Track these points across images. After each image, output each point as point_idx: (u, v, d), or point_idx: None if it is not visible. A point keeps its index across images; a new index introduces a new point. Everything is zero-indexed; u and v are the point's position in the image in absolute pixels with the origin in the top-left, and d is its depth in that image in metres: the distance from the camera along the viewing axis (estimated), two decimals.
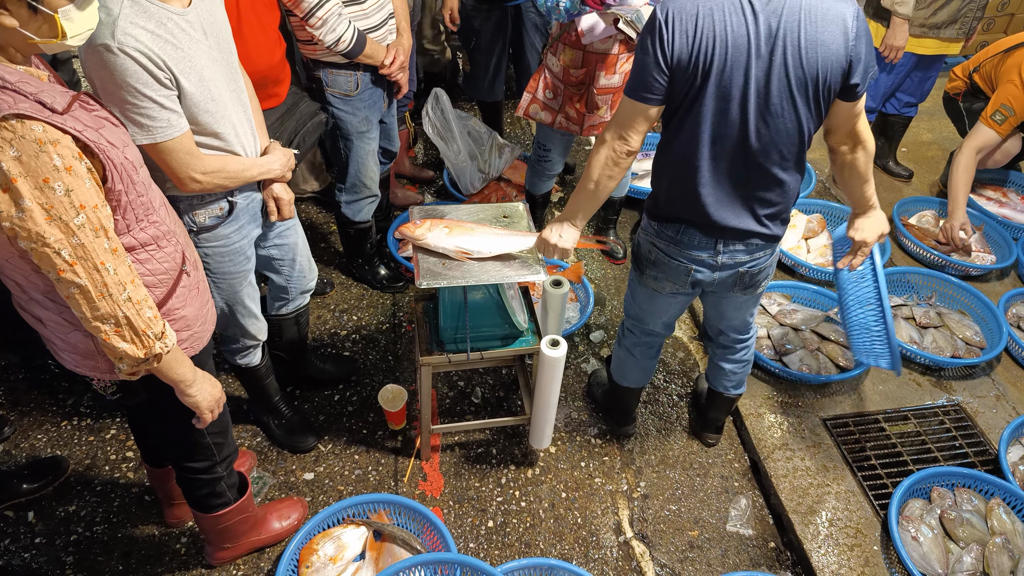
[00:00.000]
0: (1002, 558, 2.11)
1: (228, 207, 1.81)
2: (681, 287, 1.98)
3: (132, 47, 1.44)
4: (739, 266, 1.90)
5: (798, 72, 1.58)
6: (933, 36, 3.28)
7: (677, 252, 1.90)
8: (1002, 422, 2.58)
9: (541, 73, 2.75)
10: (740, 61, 1.57)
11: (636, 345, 2.30)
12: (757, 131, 1.65)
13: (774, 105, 1.62)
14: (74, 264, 1.24)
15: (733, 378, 2.34)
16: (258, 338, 2.13)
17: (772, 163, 1.72)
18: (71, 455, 2.41)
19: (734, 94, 1.61)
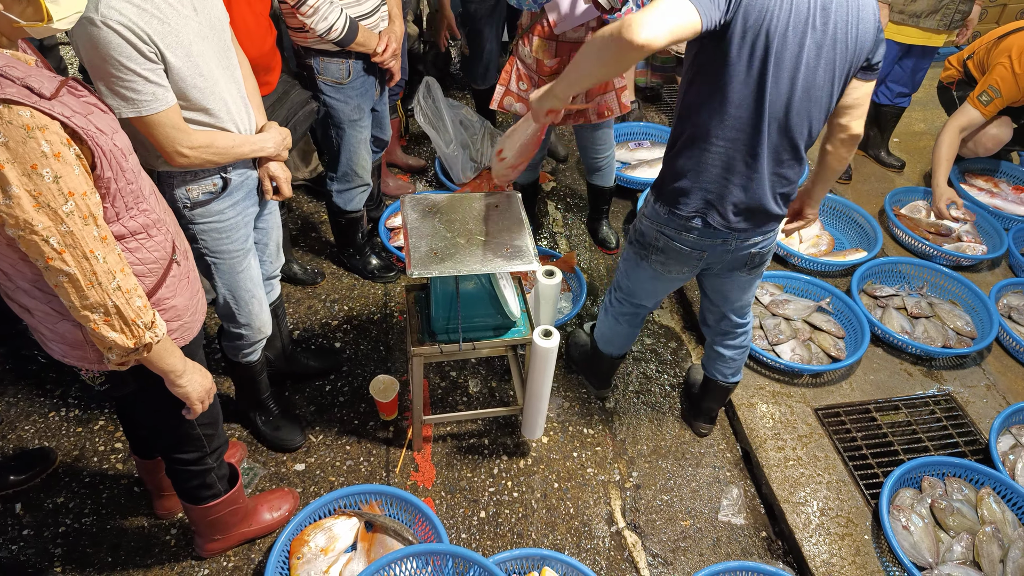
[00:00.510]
0: (992, 547, 2.13)
1: (222, 183, 1.79)
2: (690, 271, 1.99)
3: (116, 20, 1.42)
4: (752, 247, 1.90)
5: (844, 48, 1.59)
6: (913, 25, 3.27)
7: (690, 239, 1.88)
8: (992, 412, 2.60)
9: (513, 65, 2.71)
10: (799, 28, 1.55)
11: (623, 315, 2.32)
12: (800, 102, 1.64)
13: (820, 78, 1.62)
14: (63, 252, 1.21)
15: (732, 364, 2.34)
16: (264, 332, 2.11)
17: (802, 138, 1.72)
18: (59, 446, 2.39)
19: (787, 61, 1.57)
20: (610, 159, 3.08)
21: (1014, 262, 3.26)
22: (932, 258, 3.22)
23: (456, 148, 3.39)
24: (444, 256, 1.92)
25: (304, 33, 2.31)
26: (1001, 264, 3.33)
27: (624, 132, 3.96)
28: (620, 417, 2.63)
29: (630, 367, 2.82)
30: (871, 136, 3.90)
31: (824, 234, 3.36)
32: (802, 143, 1.73)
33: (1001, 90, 3.11)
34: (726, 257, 1.92)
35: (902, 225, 3.34)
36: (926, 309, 2.94)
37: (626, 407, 2.67)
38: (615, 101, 2.78)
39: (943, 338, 2.82)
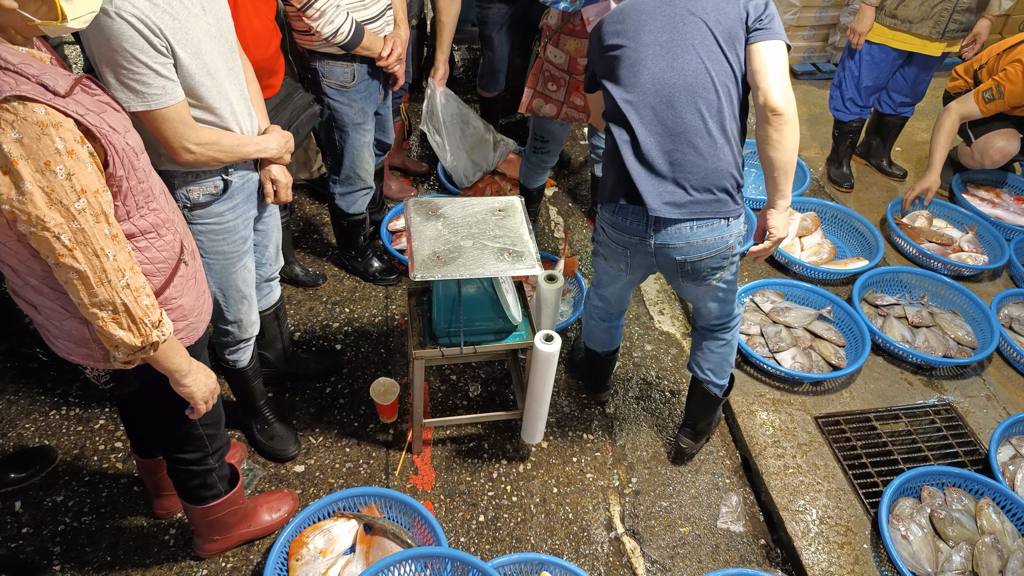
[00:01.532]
0: (991, 558, 2.12)
1: (223, 185, 1.79)
2: (626, 268, 2.12)
3: (129, 12, 1.43)
4: (674, 252, 1.95)
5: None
6: (906, 31, 3.27)
7: (613, 231, 2.03)
8: (992, 422, 2.60)
9: (540, 67, 2.74)
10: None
11: (594, 308, 2.40)
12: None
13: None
14: (73, 249, 1.22)
15: (711, 359, 2.27)
16: (250, 331, 2.11)
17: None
18: (59, 445, 2.39)
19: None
20: None
21: (1015, 272, 3.26)
22: (934, 268, 3.22)
23: (460, 152, 3.39)
24: (447, 259, 1.93)
25: (309, 36, 2.32)
26: (1002, 274, 3.33)
27: None
28: (620, 423, 2.63)
29: (630, 373, 2.82)
30: (873, 145, 3.90)
31: (826, 242, 3.37)
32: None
33: (1004, 91, 3.12)
34: (648, 260, 2.02)
35: (904, 234, 3.34)
36: (927, 318, 2.94)
37: (626, 413, 2.67)
38: None
39: (944, 348, 2.82)
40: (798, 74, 4.92)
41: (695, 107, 1.81)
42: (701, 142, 1.82)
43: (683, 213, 1.87)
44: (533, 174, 3.11)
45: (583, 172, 3.91)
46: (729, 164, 1.87)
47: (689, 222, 1.89)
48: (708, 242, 1.91)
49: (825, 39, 4.95)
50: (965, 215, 3.49)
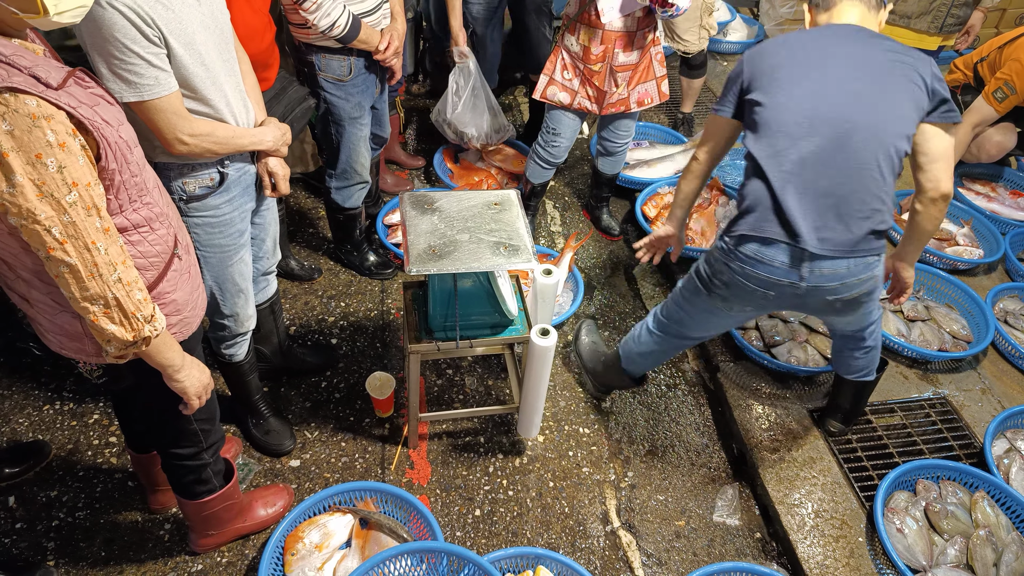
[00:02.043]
0: (985, 551, 2.13)
1: (219, 177, 1.78)
2: (754, 310, 2.03)
3: (121, 2, 1.42)
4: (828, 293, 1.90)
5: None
6: (904, 26, 3.27)
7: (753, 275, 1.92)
8: (987, 416, 2.60)
9: (558, 55, 2.77)
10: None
11: (664, 345, 2.27)
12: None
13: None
14: (64, 242, 1.21)
15: (859, 363, 2.27)
16: (246, 325, 2.10)
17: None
18: (53, 440, 2.38)
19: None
20: (625, 148, 3.14)
21: (1011, 266, 3.27)
22: (929, 262, 3.22)
23: (484, 110, 3.33)
24: (442, 253, 1.92)
25: (306, 29, 2.31)
26: (998, 268, 3.34)
27: None
28: (616, 417, 2.63)
29: None
30: None
31: None
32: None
33: (1016, 85, 3.11)
34: (792, 301, 1.92)
35: (900, 228, 3.34)
36: (922, 312, 2.94)
37: (622, 407, 2.67)
38: (655, 90, 2.84)
39: (939, 341, 2.82)
40: None
41: (873, 148, 1.79)
42: (872, 183, 1.80)
43: (841, 251, 1.83)
44: (540, 169, 3.11)
45: (580, 166, 3.90)
46: (890, 206, 1.86)
47: (847, 260, 1.84)
48: (862, 280, 1.88)
49: None
50: (961, 209, 3.50)
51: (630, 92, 2.79)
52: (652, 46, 2.75)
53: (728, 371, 2.72)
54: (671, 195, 3.47)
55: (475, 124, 3.35)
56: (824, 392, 2.66)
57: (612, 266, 3.31)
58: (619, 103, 2.81)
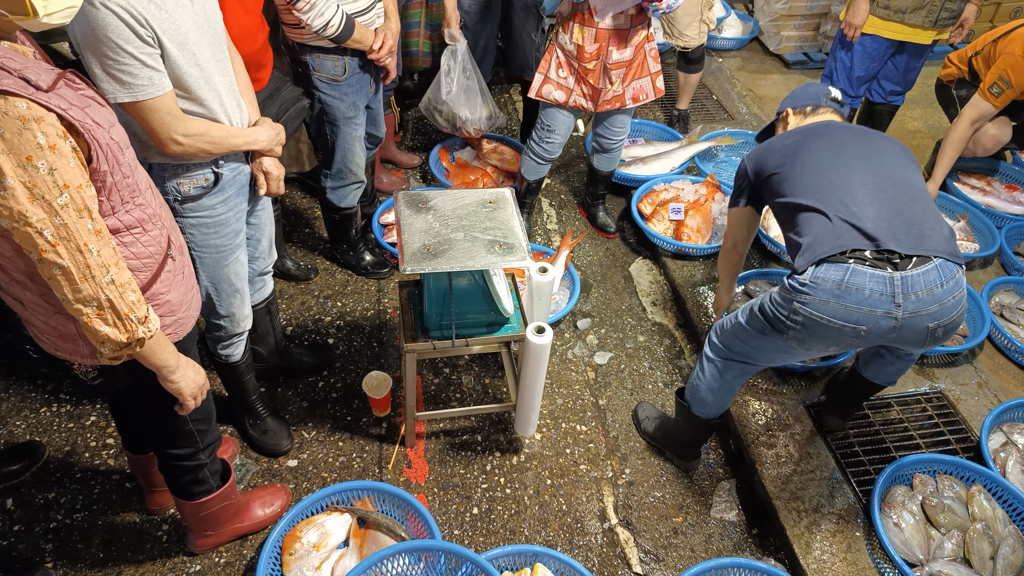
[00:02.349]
0: (982, 544, 2.14)
1: (214, 177, 1.78)
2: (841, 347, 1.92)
3: (114, 2, 1.42)
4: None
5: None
6: (899, 20, 3.28)
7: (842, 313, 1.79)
8: (984, 409, 2.61)
9: (552, 53, 2.78)
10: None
11: (733, 372, 2.12)
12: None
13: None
14: (56, 245, 1.21)
15: (896, 370, 2.22)
16: (243, 325, 2.10)
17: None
18: (51, 442, 2.38)
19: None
20: (620, 145, 3.14)
21: (1006, 260, 3.27)
22: None
23: (476, 94, 3.28)
24: (437, 252, 1.92)
25: (300, 30, 2.30)
26: (993, 262, 3.34)
27: None
28: (613, 414, 2.63)
29: (623, 364, 2.82)
30: None
31: None
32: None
33: (1011, 80, 3.10)
34: (886, 336, 1.77)
35: None
36: None
37: (619, 404, 2.67)
38: (650, 86, 2.84)
39: None
40: (789, 63, 4.92)
41: (915, 179, 1.87)
42: (929, 203, 1.84)
43: (921, 250, 1.71)
44: (535, 165, 3.11)
45: (576, 164, 3.90)
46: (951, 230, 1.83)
47: (934, 264, 1.71)
48: (957, 298, 1.75)
49: (816, 28, 4.95)
50: (956, 203, 3.50)
51: (625, 88, 2.80)
52: (646, 42, 2.75)
53: None
54: (666, 192, 3.48)
55: (468, 106, 3.28)
56: (820, 388, 2.67)
57: (608, 264, 3.31)
58: (614, 100, 2.81)
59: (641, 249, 3.39)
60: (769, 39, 5.02)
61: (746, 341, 2.01)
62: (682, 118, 4.09)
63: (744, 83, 4.71)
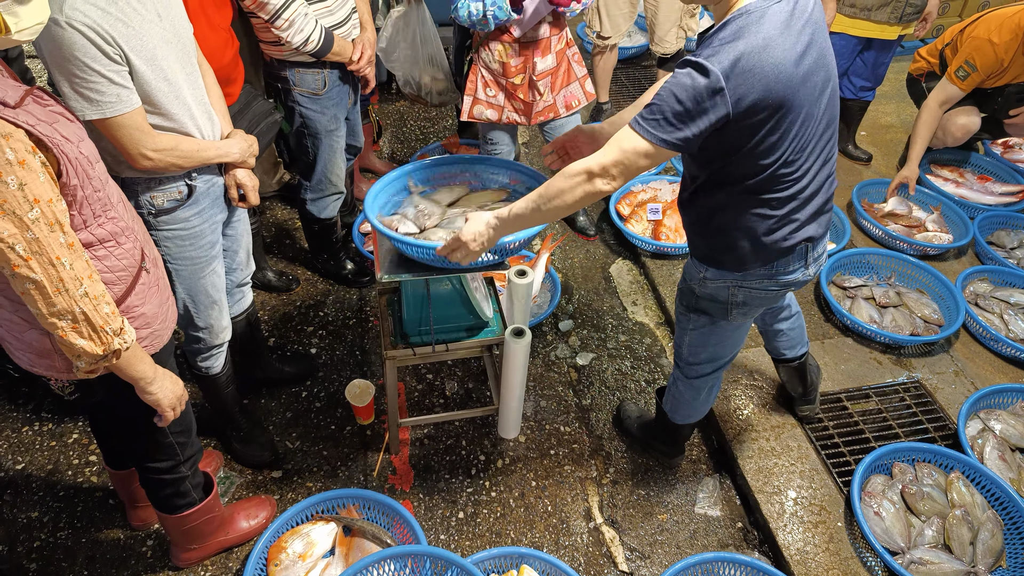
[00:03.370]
0: (962, 530, 2.17)
1: (187, 190, 1.79)
2: (773, 303, 1.93)
3: (80, 21, 1.43)
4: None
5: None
6: (865, 18, 3.34)
7: (774, 284, 1.81)
8: (961, 397, 2.64)
9: (477, 73, 2.72)
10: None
11: (710, 383, 2.14)
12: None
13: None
14: (29, 259, 1.21)
15: (791, 335, 2.28)
16: (222, 336, 2.10)
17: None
18: (32, 461, 2.37)
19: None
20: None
21: (979, 250, 3.32)
22: (900, 248, 3.27)
23: (427, 63, 3.06)
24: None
25: (279, 46, 2.31)
26: (967, 252, 3.39)
27: None
28: (596, 413, 2.65)
29: (605, 364, 2.84)
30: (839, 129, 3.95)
31: None
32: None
33: (977, 63, 3.15)
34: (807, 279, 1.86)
35: (870, 217, 3.39)
36: (894, 298, 2.99)
37: (601, 403, 2.69)
38: (580, 91, 2.83)
39: (911, 326, 2.87)
40: None
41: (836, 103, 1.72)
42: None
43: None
44: None
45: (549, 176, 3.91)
46: None
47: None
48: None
49: None
50: (929, 195, 3.55)
51: (555, 97, 2.77)
52: (567, 48, 2.73)
53: None
54: (644, 192, 3.51)
55: (429, 73, 3.06)
56: None
57: (589, 265, 3.33)
58: (547, 110, 2.78)
59: (621, 250, 3.42)
60: None
61: (708, 341, 2.01)
62: None
63: None
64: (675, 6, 3.60)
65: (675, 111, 1.44)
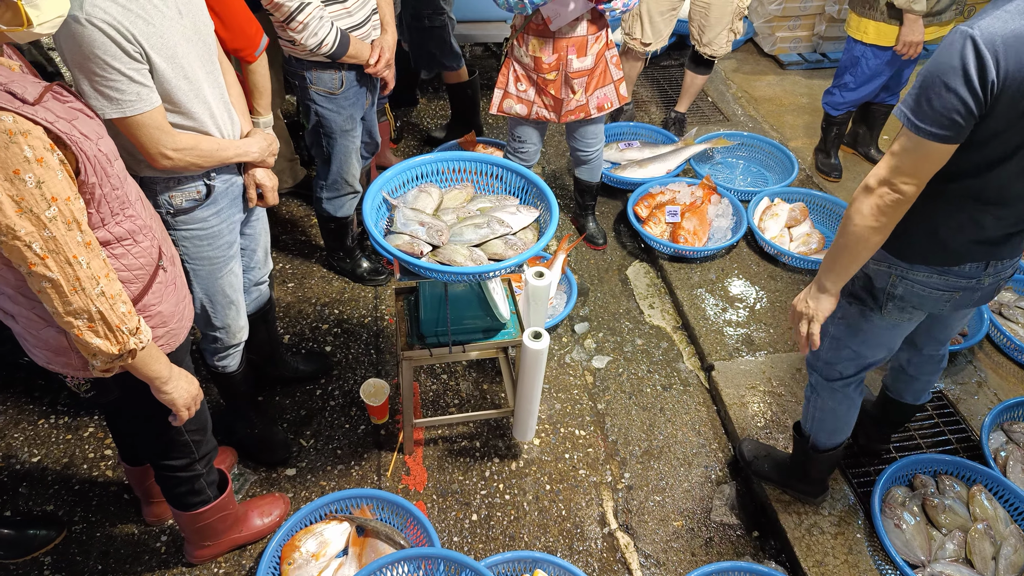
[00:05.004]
0: (984, 544, 2.13)
1: (206, 190, 1.78)
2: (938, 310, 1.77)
3: (100, 19, 1.41)
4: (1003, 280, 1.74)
5: None
6: (936, 23, 3.25)
7: (941, 283, 1.69)
8: (984, 409, 2.60)
9: (509, 67, 2.73)
10: None
11: (853, 388, 1.99)
12: None
13: None
14: (46, 257, 1.21)
15: (926, 385, 2.15)
16: (239, 336, 2.10)
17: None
18: (48, 454, 2.38)
19: None
20: (598, 153, 3.09)
21: None
22: None
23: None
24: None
25: (296, 45, 2.31)
26: None
27: (613, 132, 3.96)
28: (612, 418, 2.63)
29: (621, 368, 2.82)
30: (860, 134, 3.90)
31: (815, 232, 3.36)
32: None
33: None
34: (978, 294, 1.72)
35: None
36: None
37: (617, 408, 2.66)
38: (614, 93, 2.80)
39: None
40: (784, 64, 4.92)
41: None
42: None
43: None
44: None
45: (565, 177, 3.88)
46: None
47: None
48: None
49: (811, 28, 4.95)
50: None
51: (588, 98, 2.76)
52: (606, 50, 2.72)
53: (723, 370, 2.72)
54: (663, 194, 3.47)
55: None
56: None
57: (605, 267, 3.30)
58: (578, 109, 2.77)
59: (638, 252, 3.39)
60: (764, 40, 5.03)
61: (855, 337, 1.88)
62: (678, 121, 4.09)
63: (739, 85, 4.71)
64: (727, 9, 3.52)
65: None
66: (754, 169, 3.92)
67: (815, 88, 4.64)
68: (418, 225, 1.90)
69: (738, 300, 3.04)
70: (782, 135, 4.18)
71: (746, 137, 3.94)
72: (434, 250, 1.89)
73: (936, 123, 1.39)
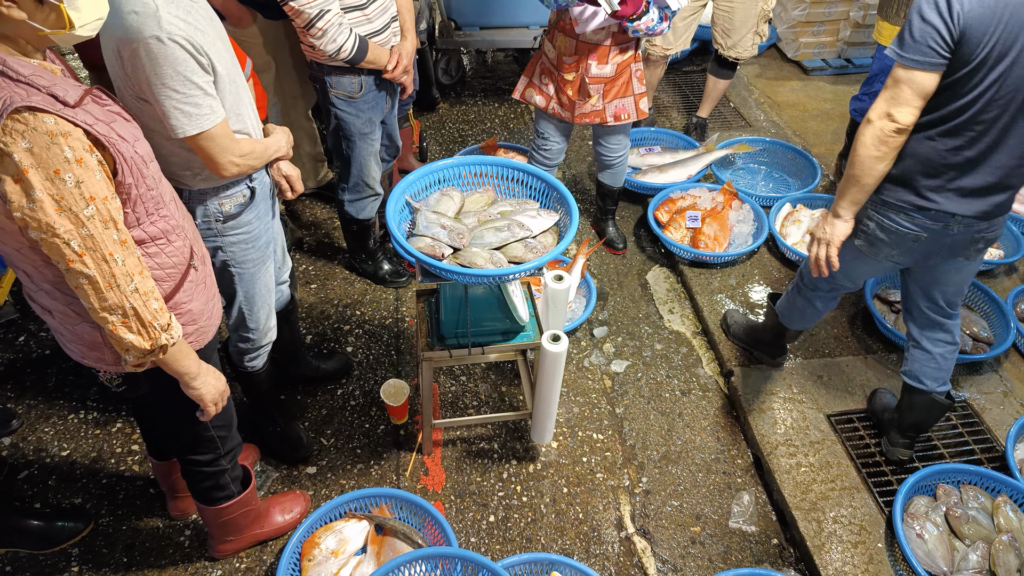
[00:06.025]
0: (1008, 556, 2.10)
1: (250, 192, 1.81)
2: (900, 255, 1.98)
3: (179, 35, 1.44)
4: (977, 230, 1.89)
5: None
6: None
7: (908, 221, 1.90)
8: (1009, 419, 2.56)
9: (539, 58, 2.80)
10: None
11: (821, 299, 2.32)
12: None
13: None
14: (83, 255, 1.25)
15: (939, 365, 2.20)
16: (269, 336, 2.13)
17: None
18: (77, 448, 2.43)
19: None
20: (622, 161, 3.10)
21: None
22: None
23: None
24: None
25: (317, 51, 2.35)
26: (1019, 269, 3.29)
27: (635, 137, 3.96)
28: (630, 422, 2.63)
29: (640, 372, 2.82)
30: None
31: None
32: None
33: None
34: (946, 242, 1.91)
35: None
36: None
37: (636, 413, 2.66)
38: (633, 106, 2.82)
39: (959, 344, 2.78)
40: (808, 70, 4.89)
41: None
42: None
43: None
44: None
45: (586, 180, 3.90)
46: None
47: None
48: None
49: (835, 34, 4.92)
50: None
51: (606, 105, 2.77)
52: (632, 62, 2.73)
53: (743, 375, 2.71)
54: (683, 200, 3.47)
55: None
56: (842, 396, 2.64)
57: (625, 272, 3.31)
58: (593, 114, 2.78)
59: (658, 257, 3.39)
60: (787, 46, 5.00)
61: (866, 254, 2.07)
62: (699, 126, 4.08)
63: (762, 90, 4.69)
64: (751, 11, 3.52)
65: None
66: (776, 175, 3.90)
67: (840, 94, 4.61)
68: (439, 228, 1.92)
69: (759, 306, 3.03)
70: (805, 141, 4.15)
71: (768, 143, 3.92)
72: (455, 252, 1.91)
73: (919, 51, 1.66)
